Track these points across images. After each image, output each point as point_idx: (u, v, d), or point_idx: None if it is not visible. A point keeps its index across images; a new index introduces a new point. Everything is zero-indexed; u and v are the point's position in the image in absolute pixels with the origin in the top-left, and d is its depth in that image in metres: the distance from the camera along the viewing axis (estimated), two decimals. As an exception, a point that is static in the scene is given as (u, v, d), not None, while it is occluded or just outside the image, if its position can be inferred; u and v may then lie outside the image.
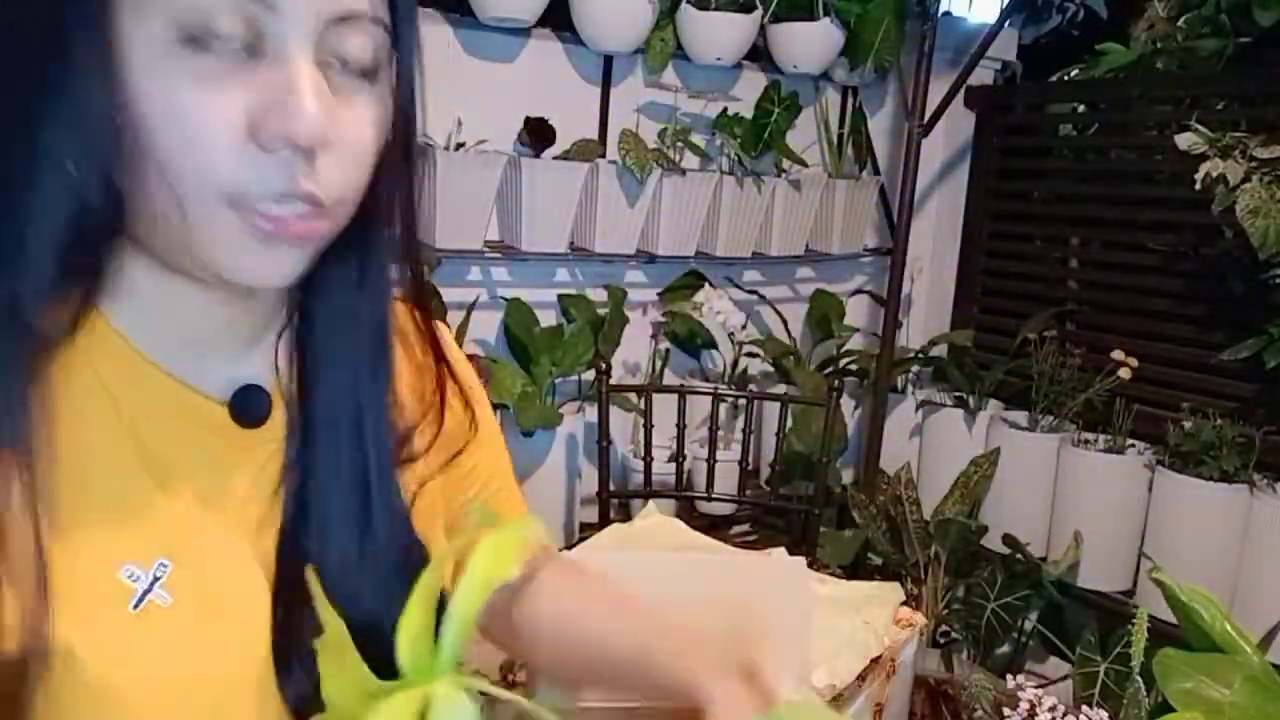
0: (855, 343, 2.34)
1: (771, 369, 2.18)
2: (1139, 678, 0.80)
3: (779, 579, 1.02)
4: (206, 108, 0.44)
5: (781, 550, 1.31)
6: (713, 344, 2.09)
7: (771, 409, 1.98)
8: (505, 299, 1.83)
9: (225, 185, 0.45)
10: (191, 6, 0.43)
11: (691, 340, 2.07)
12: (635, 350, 2.05)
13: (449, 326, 0.75)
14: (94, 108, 0.43)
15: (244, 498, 0.54)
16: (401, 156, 0.53)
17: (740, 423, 1.89)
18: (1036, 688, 0.96)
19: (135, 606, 0.49)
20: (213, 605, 0.51)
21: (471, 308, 1.75)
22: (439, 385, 0.64)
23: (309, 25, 0.45)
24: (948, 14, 2.18)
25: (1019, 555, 1.97)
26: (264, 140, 0.44)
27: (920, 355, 2.29)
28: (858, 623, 1.16)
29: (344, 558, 0.55)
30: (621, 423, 1.96)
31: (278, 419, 0.56)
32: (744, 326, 1.98)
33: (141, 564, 0.49)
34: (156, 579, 0.49)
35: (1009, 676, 1.18)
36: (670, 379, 2.05)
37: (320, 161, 0.46)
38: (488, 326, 1.87)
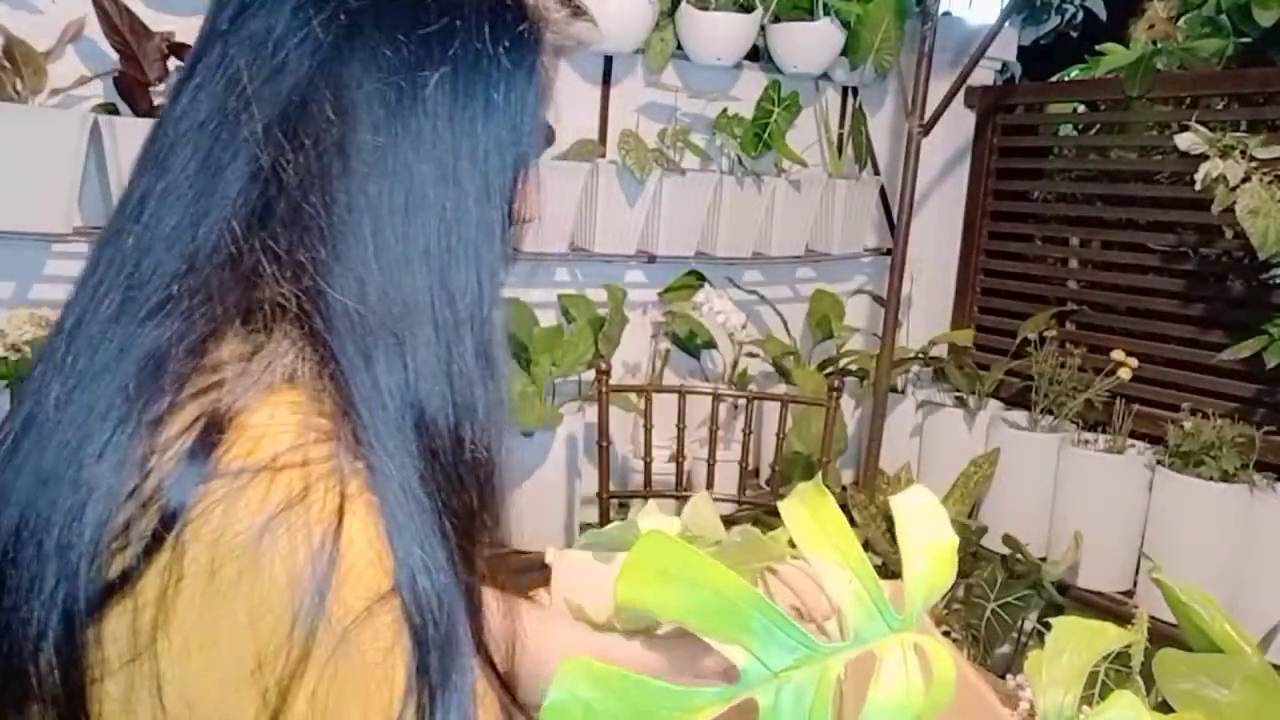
0: (855, 343, 2.34)
1: (771, 369, 2.18)
2: (1139, 678, 0.80)
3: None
4: None
5: (781, 550, 1.31)
6: (713, 344, 2.09)
7: (771, 409, 1.97)
8: (505, 299, 1.83)
9: None
10: None
11: (691, 340, 2.07)
12: (635, 350, 2.05)
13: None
14: None
15: None
16: None
17: (740, 423, 1.89)
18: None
19: None
20: None
21: (471, 308, 1.75)
22: None
23: None
24: (948, 14, 2.18)
25: (1019, 555, 1.96)
26: None
27: (920, 355, 2.29)
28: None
29: None
30: (621, 423, 1.96)
31: None
32: (744, 326, 1.98)
33: None
34: None
35: (1009, 676, 1.19)
36: (670, 379, 2.05)
37: None
38: (488, 326, 1.87)
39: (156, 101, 1.41)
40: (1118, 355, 1.91)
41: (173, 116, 0.51)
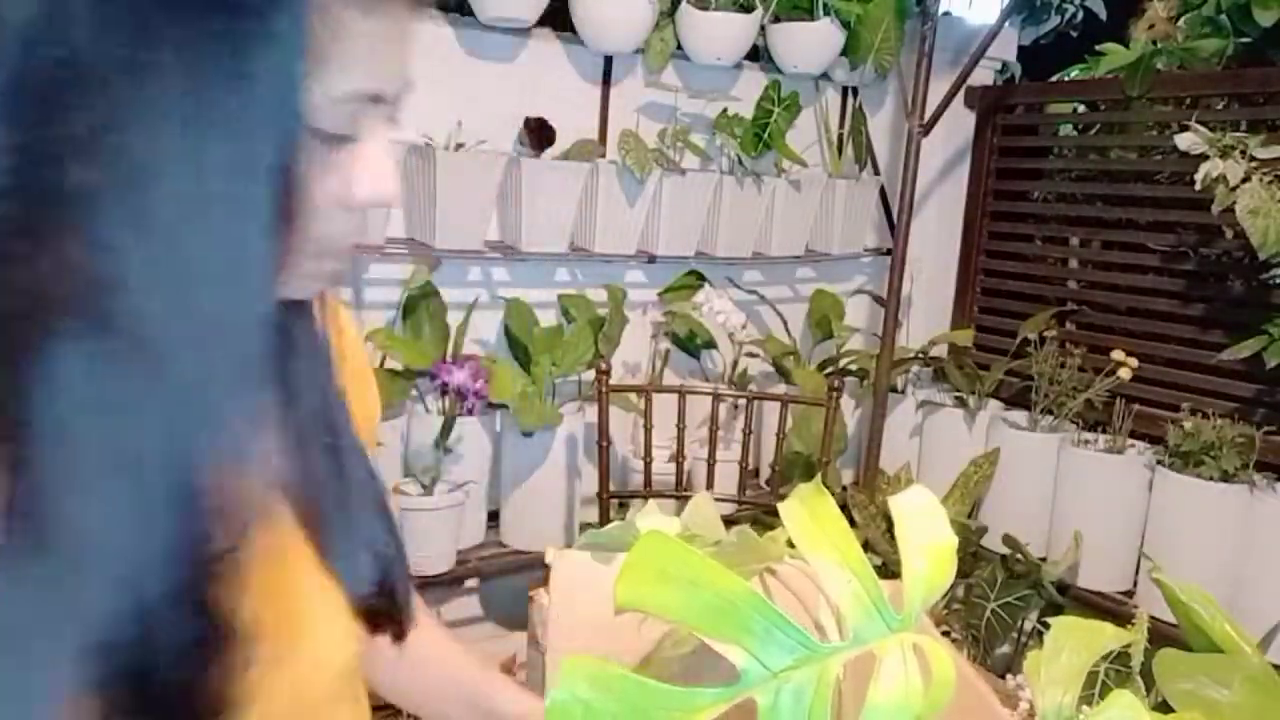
0: (855, 343, 2.34)
1: (771, 369, 2.18)
2: (1139, 678, 0.80)
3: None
4: None
5: (781, 550, 1.31)
6: (713, 344, 2.09)
7: (771, 409, 1.97)
8: (505, 299, 1.83)
9: None
10: None
11: (691, 340, 2.07)
12: (635, 350, 2.05)
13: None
14: None
15: None
16: None
17: (740, 423, 1.89)
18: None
19: None
20: None
21: (471, 308, 1.75)
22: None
23: None
24: (948, 14, 2.18)
25: (1019, 555, 1.97)
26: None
27: (920, 355, 2.29)
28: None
29: None
30: (621, 423, 1.96)
31: None
32: (744, 326, 1.98)
33: None
34: None
35: (1009, 676, 1.19)
36: (670, 379, 2.05)
37: None
38: (488, 326, 1.87)
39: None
40: (1118, 355, 1.91)
41: None
